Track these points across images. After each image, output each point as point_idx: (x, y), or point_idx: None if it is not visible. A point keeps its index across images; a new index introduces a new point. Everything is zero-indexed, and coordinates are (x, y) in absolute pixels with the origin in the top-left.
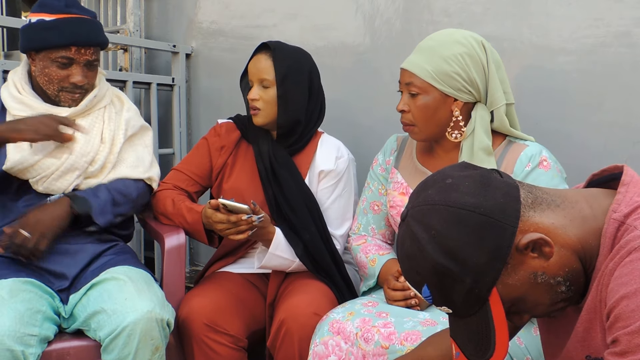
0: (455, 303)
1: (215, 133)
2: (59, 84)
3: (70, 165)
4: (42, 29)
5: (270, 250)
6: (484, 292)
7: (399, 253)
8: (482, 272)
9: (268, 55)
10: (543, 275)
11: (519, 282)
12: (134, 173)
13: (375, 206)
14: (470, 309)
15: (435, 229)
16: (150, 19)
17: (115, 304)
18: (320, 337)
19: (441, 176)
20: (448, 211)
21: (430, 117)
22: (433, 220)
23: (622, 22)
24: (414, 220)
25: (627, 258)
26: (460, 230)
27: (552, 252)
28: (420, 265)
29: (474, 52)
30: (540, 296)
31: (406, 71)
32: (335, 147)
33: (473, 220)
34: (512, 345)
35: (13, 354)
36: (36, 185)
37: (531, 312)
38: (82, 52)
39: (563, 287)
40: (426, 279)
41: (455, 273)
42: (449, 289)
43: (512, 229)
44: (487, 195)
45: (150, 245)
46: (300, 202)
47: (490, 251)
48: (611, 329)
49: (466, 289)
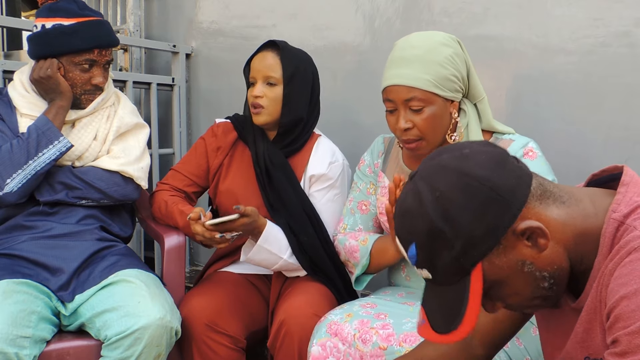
0: (438, 269)
1: (213, 133)
2: (82, 87)
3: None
4: (62, 33)
5: (258, 242)
6: (468, 265)
7: (396, 209)
8: (474, 244)
9: (275, 53)
10: (531, 265)
11: (505, 265)
12: (109, 164)
13: (363, 206)
14: (451, 278)
15: (440, 191)
16: (150, 19)
17: (127, 305)
18: (318, 339)
19: (459, 146)
20: (458, 177)
21: (437, 127)
22: (440, 182)
23: (622, 22)
24: (421, 180)
25: (627, 258)
26: (465, 198)
27: (546, 245)
28: (415, 224)
29: (459, 50)
30: (521, 286)
31: (402, 87)
32: (330, 151)
33: (480, 192)
34: (511, 346)
35: (6, 357)
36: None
37: (506, 300)
38: (103, 53)
39: (546, 284)
40: (417, 238)
41: (448, 238)
42: (437, 252)
43: (515, 212)
44: (500, 174)
45: (150, 245)
46: (296, 204)
47: (487, 226)
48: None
49: (453, 256)
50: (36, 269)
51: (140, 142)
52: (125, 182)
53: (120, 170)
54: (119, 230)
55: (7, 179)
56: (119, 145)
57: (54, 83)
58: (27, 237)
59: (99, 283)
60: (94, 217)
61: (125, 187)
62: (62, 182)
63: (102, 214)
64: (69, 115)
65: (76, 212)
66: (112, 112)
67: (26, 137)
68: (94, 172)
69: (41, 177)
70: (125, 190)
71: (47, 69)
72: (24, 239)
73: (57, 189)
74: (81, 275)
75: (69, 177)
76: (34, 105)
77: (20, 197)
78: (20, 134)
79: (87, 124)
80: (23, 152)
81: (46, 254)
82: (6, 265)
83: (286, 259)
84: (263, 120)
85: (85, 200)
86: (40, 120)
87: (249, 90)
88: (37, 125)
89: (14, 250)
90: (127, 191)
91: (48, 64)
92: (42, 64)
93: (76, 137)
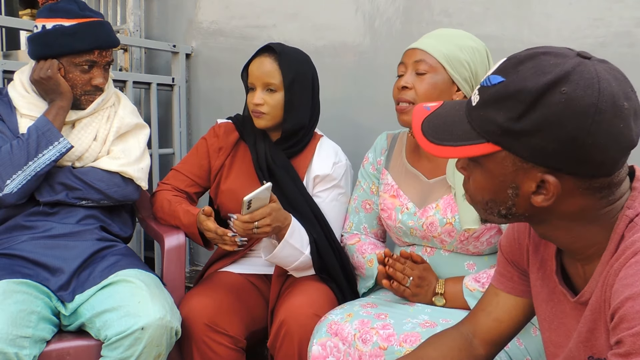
0: (486, 109)
1: (214, 133)
2: (82, 88)
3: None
4: (63, 34)
5: (285, 238)
6: (499, 141)
7: (540, 47)
8: (526, 140)
9: (273, 58)
10: (515, 192)
11: (509, 171)
12: (109, 165)
13: (366, 205)
14: (479, 124)
15: (598, 81)
16: (150, 19)
17: (127, 305)
18: (318, 339)
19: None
20: (600, 84)
21: (434, 98)
22: (602, 80)
23: (622, 22)
24: (593, 63)
25: (633, 259)
26: (589, 98)
27: (549, 199)
28: (536, 73)
29: (483, 51)
30: (492, 189)
31: (417, 50)
32: (333, 151)
33: (603, 113)
34: (511, 346)
35: (6, 357)
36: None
37: (470, 183)
38: (103, 54)
39: (504, 211)
40: (510, 77)
41: (527, 114)
42: (504, 104)
43: (580, 169)
44: (632, 125)
45: (150, 245)
46: (303, 203)
47: (565, 134)
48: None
49: (505, 120)
50: (36, 269)
51: (140, 143)
52: (125, 183)
53: (120, 170)
54: (119, 230)
55: (7, 180)
56: (119, 145)
57: (54, 84)
58: (27, 237)
59: (99, 283)
60: (94, 217)
61: (125, 188)
62: (62, 182)
63: (102, 214)
64: (69, 116)
65: (76, 212)
66: (113, 112)
67: (26, 138)
68: (94, 172)
69: (41, 178)
70: (125, 190)
71: (47, 70)
72: (24, 239)
73: (57, 189)
74: (81, 275)
75: (69, 177)
76: (34, 105)
77: (20, 197)
78: (20, 134)
79: (87, 124)
80: (23, 153)
81: (46, 254)
82: (6, 265)
83: (307, 254)
84: (264, 124)
85: (85, 201)
86: (40, 121)
87: (249, 95)
88: (37, 126)
89: (14, 250)
90: (127, 192)
91: (48, 64)
92: (43, 64)
93: (76, 138)
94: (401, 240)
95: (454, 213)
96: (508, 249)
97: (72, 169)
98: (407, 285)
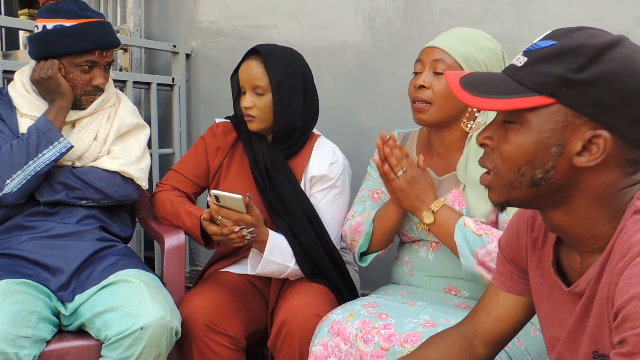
0: (536, 67)
1: (212, 133)
2: (82, 88)
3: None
4: (64, 34)
5: (264, 256)
6: (553, 92)
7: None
8: (582, 90)
9: (259, 61)
10: (561, 144)
11: (556, 127)
12: (109, 164)
13: (375, 194)
14: (531, 78)
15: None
16: (150, 19)
17: (128, 305)
18: (320, 338)
19: None
20: None
21: (450, 98)
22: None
23: (622, 22)
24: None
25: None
26: (634, 76)
27: (597, 157)
28: (591, 35)
29: (500, 53)
30: (530, 150)
31: (436, 49)
32: (331, 151)
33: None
34: (511, 347)
35: (6, 357)
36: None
37: (508, 150)
38: (104, 54)
39: (549, 165)
40: (563, 40)
41: (586, 67)
42: (561, 58)
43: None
44: None
45: (150, 245)
46: (297, 207)
47: (626, 89)
48: (619, 329)
49: (568, 68)
50: (36, 269)
51: (140, 143)
52: (126, 183)
53: (120, 170)
54: (119, 230)
55: (6, 180)
56: (119, 145)
57: (55, 84)
58: (27, 237)
59: (99, 283)
60: (94, 217)
61: (126, 188)
62: (62, 182)
63: (102, 214)
64: (70, 116)
65: (76, 212)
66: (113, 112)
67: (26, 138)
68: (94, 172)
69: (41, 178)
70: (126, 190)
71: (47, 70)
72: (24, 239)
73: (57, 189)
74: (81, 275)
75: (69, 177)
76: (35, 105)
77: (19, 197)
78: (20, 134)
79: (87, 124)
80: (23, 153)
81: (46, 254)
82: (6, 265)
83: (292, 266)
84: (256, 127)
85: (86, 201)
86: (40, 121)
87: (241, 98)
88: (37, 126)
89: (13, 250)
90: (127, 191)
91: (49, 64)
92: (43, 64)
93: (76, 138)
94: (407, 236)
95: (461, 207)
96: (507, 247)
97: (72, 169)
98: (397, 175)
